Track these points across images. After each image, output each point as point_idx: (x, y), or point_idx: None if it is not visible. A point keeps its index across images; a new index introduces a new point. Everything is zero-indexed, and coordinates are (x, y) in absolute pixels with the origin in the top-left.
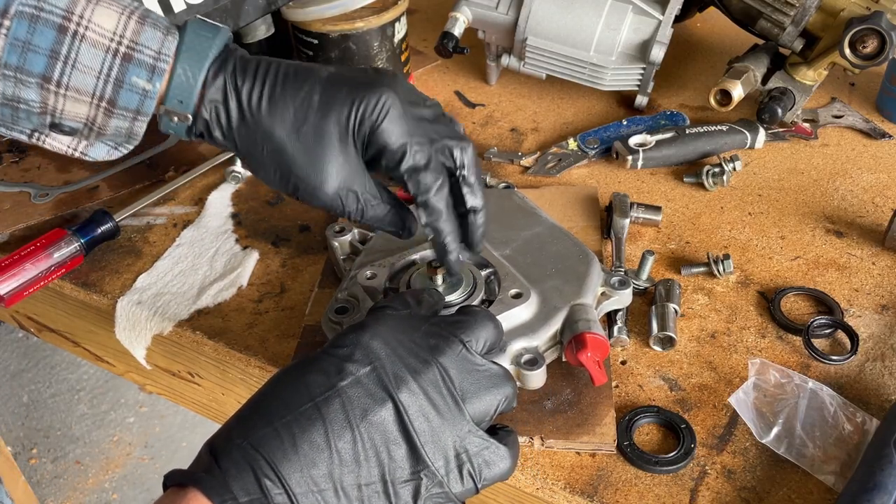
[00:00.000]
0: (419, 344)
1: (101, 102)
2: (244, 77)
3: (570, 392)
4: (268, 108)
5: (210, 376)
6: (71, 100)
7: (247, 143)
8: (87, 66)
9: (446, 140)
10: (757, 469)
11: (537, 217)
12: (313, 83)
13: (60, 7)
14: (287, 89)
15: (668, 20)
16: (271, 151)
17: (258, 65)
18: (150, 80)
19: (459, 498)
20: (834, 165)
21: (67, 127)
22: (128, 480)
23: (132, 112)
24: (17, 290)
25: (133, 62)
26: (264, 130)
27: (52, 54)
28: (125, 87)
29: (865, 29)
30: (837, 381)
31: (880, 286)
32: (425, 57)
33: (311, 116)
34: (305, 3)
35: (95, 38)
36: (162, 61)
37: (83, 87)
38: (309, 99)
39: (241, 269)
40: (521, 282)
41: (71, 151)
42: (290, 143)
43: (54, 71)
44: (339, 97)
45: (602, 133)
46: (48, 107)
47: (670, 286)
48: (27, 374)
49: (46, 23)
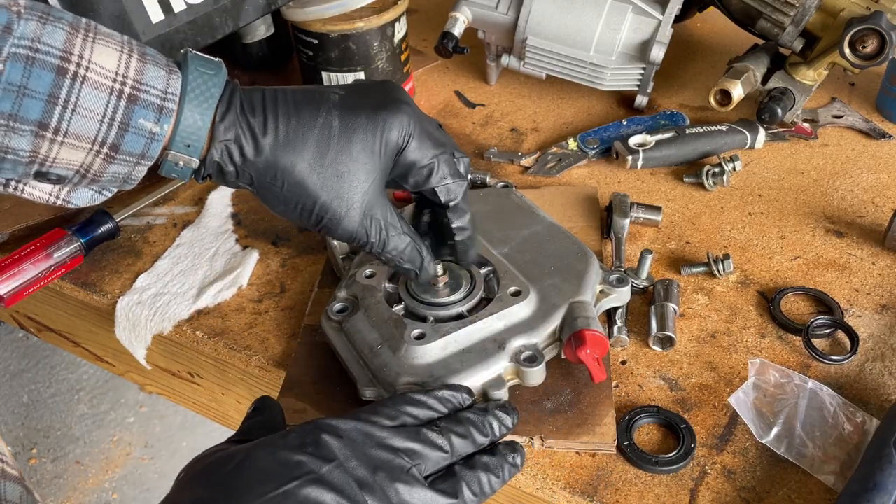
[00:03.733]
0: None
1: (101, 148)
2: (254, 112)
3: (570, 392)
4: (285, 140)
5: (210, 376)
6: (68, 147)
7: (264, 180)
8: (90, 110)
9: (453, 149)
10: (757, 469)
11: (536, 216)
12: (328, 109)
13: (57, 47)
14: (303, 119)
15: (668, 20)
16: (292, 185)
17: (264, 97)
18: (158, 122)
19: None
20: (834, 165)
21: (55, 175)
22: (128, 480)
23: (136, 157)
24: (17, 290)
25: (139, 103)
26: (284, 165)
27: (51, 99)
28: (131, 130)
29: (865, 29)
30: (837, 381)
31: (880, 286)
32: (425, 57)
33: (334, 144)
34: (305, 3)
35: (97, 80)
36: (169, 101)
37: (84, 132)
38: (328, 126)
39: (241, 269)
40: (520, 280)
41: (53, 200)
42: (314, 175)
43: (52, 117)
44: (361, 122)
45: (602, 133)
46: (38, 156)
47: (669, 286)
48: (27, 374)
49: (44, 65)
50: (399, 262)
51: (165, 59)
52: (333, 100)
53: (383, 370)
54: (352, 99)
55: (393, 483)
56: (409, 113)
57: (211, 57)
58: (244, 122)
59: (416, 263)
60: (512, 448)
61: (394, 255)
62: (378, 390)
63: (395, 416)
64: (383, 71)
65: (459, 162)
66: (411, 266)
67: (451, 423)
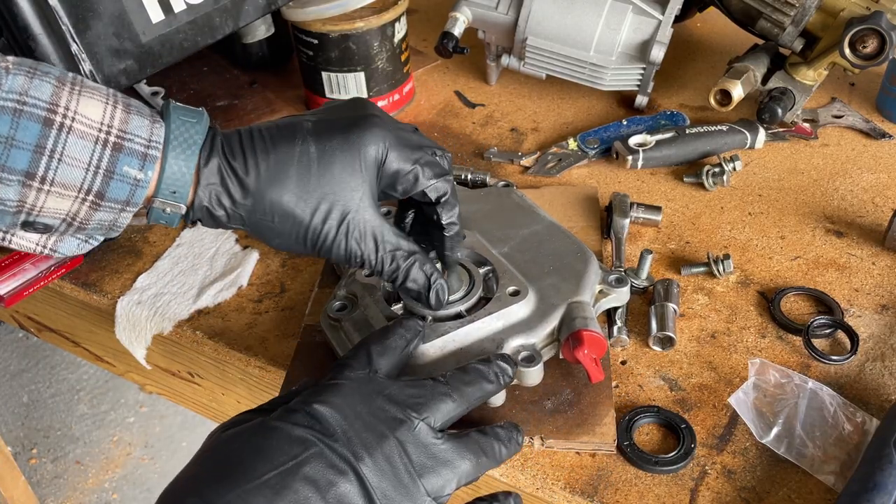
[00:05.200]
0: (377, 416)
1: (87, 196)
2: (234, 155)
3: (569, 392)
4: (267, 176)
5: (210, 376)
6: (54, 196)
7: (255, 217)
8: (75, 159)
9: (433, 148)
10: (757, 469)
11: (536, 215)
12: (303, 137)
13: (44, 99)
14: (280, 152)
15: (668, 20)
16: (282, 217)
17: (241, 138)
18: (142, 169)
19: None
20: (834, 165)
21: (41, 225)
22: (128, 480)
23: (121, 204)
24: (17, 290)
25: (124, 151)
26: (270, 199)
27: (38, 149)
28: (115, 177)
29: (865, 29)
30: (837, 381)
31: (880, 286)
32: (425, 57)
33: (315, 170)
34: (305, 3)
35: (83, 130)
36: (153, 149)
37: (70, 181)
38: (306, 154)
39: (241, 269)
40: (519, 279)
41: (39, 249)
42: (301, 203)
43: (39, 167)
44: (336, 144)
45: (602, 133)
46: (26, 205)
47: (668, 286)
48: (27, 374)
49: (31, 116)
50: (404, 289)
51: (149, 110)
52: (307, 127)
53: None
54: (324, 123)
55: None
56: (382, 125)
57: (192, 107)
58: (227, 165)
59: (421, 282)
60: (516, 428)
61: (395, 276)
62: None
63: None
64: (383, 71)
65: (442, 159)
66: (415, 286)
67: (455, 372)
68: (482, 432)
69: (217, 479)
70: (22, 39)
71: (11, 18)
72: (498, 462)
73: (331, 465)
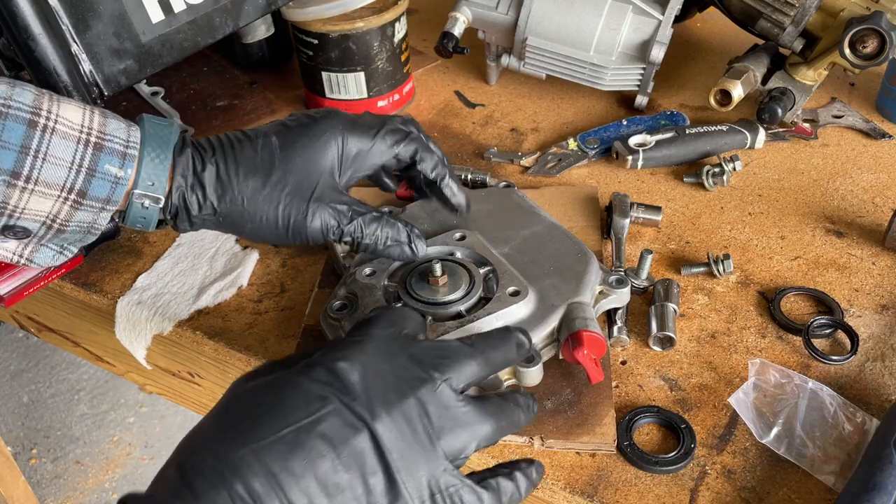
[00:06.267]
0: (399, 375)
1: (69, 195)
2: (204, 148)
3: (570, 392)
4: (234, 163)
5: (210, 376)
6: (37, 195)
7: (225, 204)
8: (59, 158)
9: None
10: (757, 469)
11: (536, 216)
12: (265, 132)
13: (27, 104)
14: (245, 144)
15: (668, 20)
16: (251, 199)
17: (209, 139)
18: (122, 167)
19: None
20: (834, 165)
21: (21, 229)
22: (128, 480)
23: (101, 202)
24: (17, 290)
25: (105, 150)
26: (239, 183)
27: (23, 149)
28: (97, 175)
29: (865, 29)
30: (837, 381)
31: (880, 286)
32: (425, 57)
33: (278, 154)
34: (305, 3)
35: (65, 131)
36: (131, 148)
37: (53, 179)
38: (268, 144)
39: (241, 269)
40: (519, 280)
41: (16, 259)
42: (269, 186)
43: (24, 166)
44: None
45: (602, 133)
46: (8, 206)
47: (668, 286)
48: (27, 374)
49: (16, 118)
50: (385, 245)
51: (124, 119)
52: (269, 129)
53: None
54: (285, 123)
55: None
56: (338, 113)
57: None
58: (198, 158)
59: (403, 238)
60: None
61: (376, 238)
62: None
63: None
64: (383, 71)
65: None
66: (396, 243)
67: (480, 335)
68: (503, 397)
69: (232, 434)
70: (22, 39)
71: (11, 18)
72: (517, 427)
73: (347, 422)
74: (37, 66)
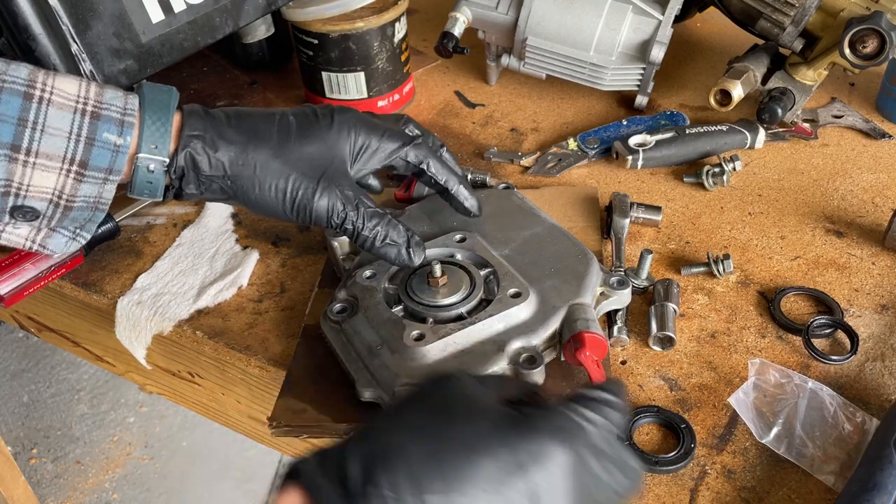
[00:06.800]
0: None
1: (71, 166)
2: (216, 116)
3: (570, 392)
4: (249, 132)
5: (210, 376)
6: (40, 169)
7: (236, 166)
8: (57, 129)
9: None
10: (757, 469)
11: (536, 217)
12: (283, 114)
13: (22, 77)
14: (260, 116)
15: (668, 20)
16: (263, 165)
17: (224, 109)
18: (121, 135)
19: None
20: (834, 165)
21: (29, 209)
22: (128, 480)
23: (104, 172)
24: (17, 290)
25: (102, 119)
26: (253, 149)
27: (20, 122)
28: (97, 144)
29: (865, 29)
30: (837, 381)
31: (880, 286)
32: (425, 57)
33: (294, 133)
34: (305, 3)
35: (61, 102)
36: (129, 115)
37: (53, 151)
38: (286, 122)
39: (241, 269)
40: (519, 281)
41: (29, 245)
42: (282, 157)
43: (23, 138)
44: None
45: (602, 133)
46: (13, 184)
47: (668, 285)
48: (27, 374)
49: (11, 91)
50: (382, 242)
51: (121, 89)
52: (285, 110)
53: (382, 371)
54: (300, 109)
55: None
56: (351, 109)
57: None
58: (210, 121)
59: (401, 241)
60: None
61: (376, 233)
62: (377, 391)
63: None
64: (383, 71)
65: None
66: (393, 244)
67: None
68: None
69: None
70: (22, 39)
71: (11, 18)
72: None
73: None
74: (37, 66)
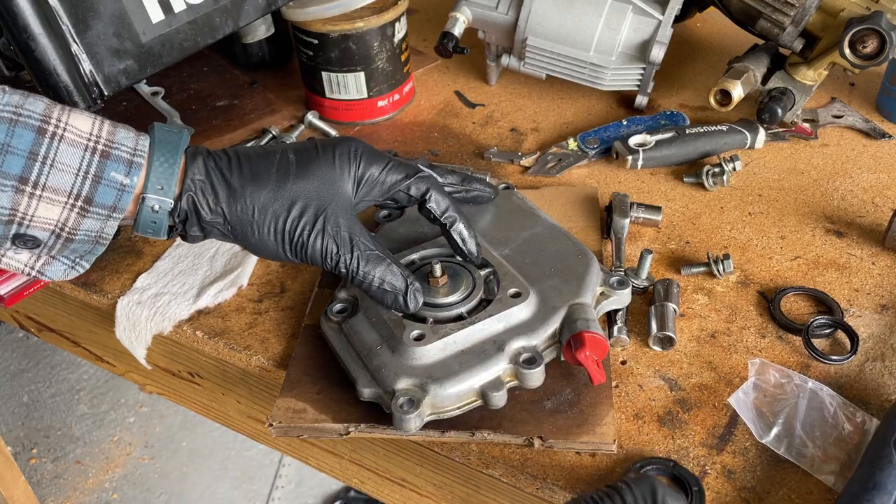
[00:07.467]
0: None
1: (76, 202)
2: (219, 157)
3: (569, 392)
4: (249, 174)
5: (210, 376)
6: (45, 202)
7: (236, 211)
8: (66, 165)
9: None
10: (757, 469)
11: (536, 217)
12: (283, 149)
13: (38, 112)
14: (261, 157)
15: (668, 20)
16: (261, 209)
17: (225, 150)
18: (128, 175)
19: None
20: (834, 165)
21: (31, 238)
22: (128, 480)
23: (108, 209)
24: (17, 290)
25: (111, 158)
26: (251, 193)
27: (31, 155)
28: (103, 182)
29: (865, 29)
30: (837, 381)
31: (880, 286)
32: (425, 57)
33: (293, 171)
34: (305, 3)
35: (73, 139)
36: (138, 156)
37: (60, 186)
38: (285, 159)
39: (241, 269)
40: (520, 281)
41: (28, 270)
42: (280, 199)
43: (32, 171)
44: (313, 154)
45: (602, 133)
46: (18, 213)
47: (668, 285)
48: (27, 374)
49: (26, 125)
50: (379, 289)
51: (135, 130)
52: (286, 146)
53: (382, 371)
54: (303, 144)
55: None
56: (355, 140)
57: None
58: (213, 164)
59: (400, 286)
60: None
61: (371, 278)
62: (377, 391)
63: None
64: (383, 71)
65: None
66: (392, 291)
67: None
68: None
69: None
70: (22, 39)
71: (11, 18)
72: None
73: None
74: (37, 65)
